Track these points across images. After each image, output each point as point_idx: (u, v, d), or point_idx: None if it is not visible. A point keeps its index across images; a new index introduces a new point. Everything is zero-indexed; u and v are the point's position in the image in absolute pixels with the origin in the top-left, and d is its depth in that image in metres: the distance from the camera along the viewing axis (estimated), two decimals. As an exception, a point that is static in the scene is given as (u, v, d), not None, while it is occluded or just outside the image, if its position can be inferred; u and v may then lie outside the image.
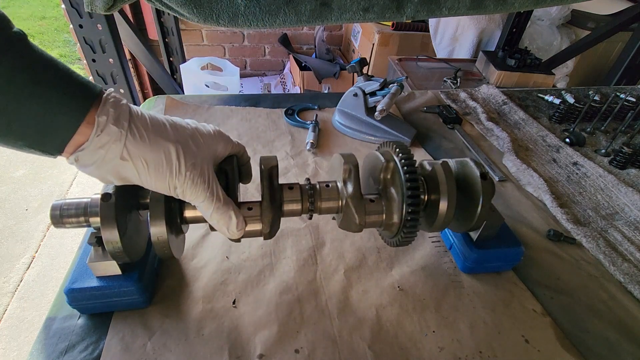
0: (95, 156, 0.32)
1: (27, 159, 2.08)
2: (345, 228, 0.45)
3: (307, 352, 0.44)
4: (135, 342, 0.44)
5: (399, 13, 0.46)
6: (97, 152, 0.32)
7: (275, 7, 0.43)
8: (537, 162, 0.81)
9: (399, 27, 2.04)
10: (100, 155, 0.32)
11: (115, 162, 0.33)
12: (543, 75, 1.47)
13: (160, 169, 0.34)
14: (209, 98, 0.93)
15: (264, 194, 0.42)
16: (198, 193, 0.37)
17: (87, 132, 0.31)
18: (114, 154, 0.32)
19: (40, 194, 1.91)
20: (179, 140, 0.36)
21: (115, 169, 0.33)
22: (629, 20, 1.49)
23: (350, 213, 0.43)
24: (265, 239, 0.43)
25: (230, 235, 0.41)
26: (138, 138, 0.33)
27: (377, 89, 0.81)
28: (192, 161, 0.36)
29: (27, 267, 1.58)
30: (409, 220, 0.43)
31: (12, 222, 1.76)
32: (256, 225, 0.42)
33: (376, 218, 0.45)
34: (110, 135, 0.32)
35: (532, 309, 0.51)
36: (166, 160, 0.34)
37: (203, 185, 0.37)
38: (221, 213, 0.39)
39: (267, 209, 0.42)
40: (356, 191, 0.43)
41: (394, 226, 0.45)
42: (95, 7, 0.43)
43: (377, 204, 0.45)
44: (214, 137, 0.40)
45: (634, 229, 0.64)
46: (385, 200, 0.45)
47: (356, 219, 0.43)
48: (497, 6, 0.48)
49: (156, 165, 0.34)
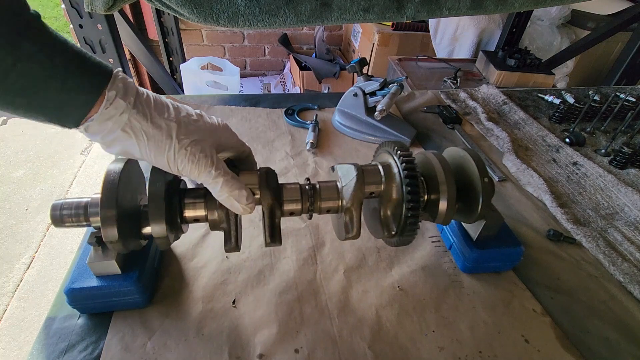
0: (102, 126, 0.34)
1: (27, 159, 2.08)
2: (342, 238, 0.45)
3: (307, 352, 0.44)
4: (135, 341, 0.44)
5: (399, 13, 0.46)
6: (104, 123, 0.34)
7: (275, 7, 0.43)
8: (537, 162, 0.81)
9: (399, 27, 2.04)
10: (107, 126, 0.34)
11: (119, 134, 0.34)
12: (543, 75, 1.46)
13: (160, 144, 0.35)
14: (209, 98, 0.93)
15: (261, 180, 0.42)
16: (201, 168, 0.37)
17: (97, 106, 0.33)
18: (119, 125, 0.34)
19: (40, 194, 1.91)
20: (181, 120, 0.37)
21: (119, 140, 0.35)
22: (629, 20, 1.49)
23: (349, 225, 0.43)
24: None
25: (242, 210, 0.40)
26: (141, 113, 0.35)
27: (377, 89, 0.81)
28: (193, 138, 0.37)
29: (27, 267, 1.58)
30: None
31: (12, 222, 1.76)
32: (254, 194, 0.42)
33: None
34: (117, 109, 0.34)
35: (532, 308, 0.51)
36: (165, 136, 0.36)
37: (205, 159, 0.37)
38: (230, 186, 0.38)
39: (264, 186, 0.42)
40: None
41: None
42: (95, 7, 0.43)
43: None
44: (219, 127, 0.41)
45: (634, 229, 0.64)
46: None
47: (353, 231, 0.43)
48: (497, 6, 0.48)
49: (156, 139, 0.35)
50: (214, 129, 0.40)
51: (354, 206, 0.43)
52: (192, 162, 0.36)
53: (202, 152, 0.37)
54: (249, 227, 0.60)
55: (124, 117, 0.34)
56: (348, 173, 0.44)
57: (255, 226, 0.60)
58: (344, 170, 0.45)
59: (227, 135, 0.42)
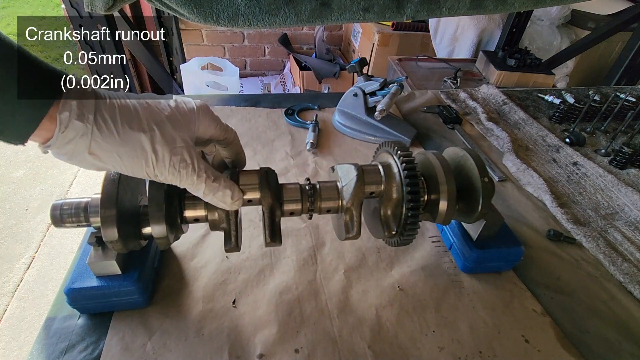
0: (64, 150, 0.31)
1: (27, 159, 2.08)
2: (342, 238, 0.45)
3: (307, 352, 0.44)
4: (135, 342, 0.44)
5: (399, 13, 0.46)
6: (64, 147, 0.30)
7: (275, 7, 0.43)
8: (537, 162, 0.81)
9: (399, 27, 2.04)
10: (69, 149, 0.31)
11: (85, 155, 0.31)
12: (543, 75, 1.46)
13: (135, 160, 0.33)
14: (209, 98, 0.93)
15: (261, 179, 0.42)
16: (182, 177, 0.35)
17: (51, 128, 0.30)
18: (83, 148, 0.31)
19: (40, 194, 1.91)
20: (154, 126, 0.34)
21: (89, 161, 0.32)
22: (629, 20, 1.49)
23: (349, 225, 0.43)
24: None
25: (230, 207, 0.40)
26: (106, 131, 0.31)
27: (377, 89, 0.81)
28: (171, 147, 0.34)
29: (27, 267, 1.58)
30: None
31: (12, 222, 1.76)
32: (254, 194, 0.42)
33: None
34: (75, 131, 0.30)
35: (532, 308, 0.51)
36: (140, 151, 0.33)
37: (186, 169, 0.35)
38: (213, 189, 0.38)
39: (264, 179, 0.42)
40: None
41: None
42: (95, 7, 0.43)
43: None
44: (196, 113, 0.38)
45: (634, 229, 0.64)
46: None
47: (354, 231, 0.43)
48: (497, 6, 0.48)
49: (130, 157, 0.33)
50: (191, 118, 0.37)
51: (354, 206, 0.43)
52: (173, 174, 0.35)
53: (182, 162, 0.35)
54: (249, 227, 0.60)
55: (86, 140, 0.30)
56: (348, 173, 0.44)
57: (255, 226, 0.60)
58: (344, 170, 0.45)
59: (206, 122, 0.39)
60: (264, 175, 0.42)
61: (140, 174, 0.34)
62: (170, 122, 0.35)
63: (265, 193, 0.42)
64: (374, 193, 0.45)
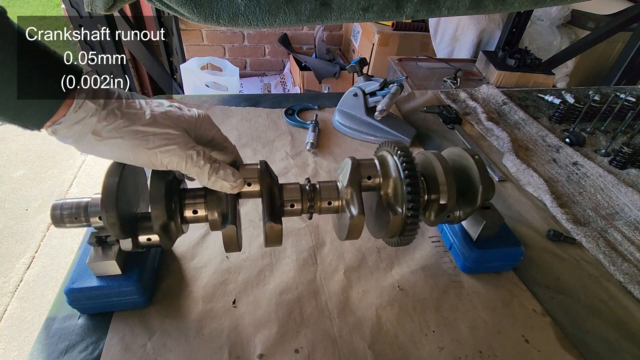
0: (71, 130, 0.33)
1: (27, 159, 2.08)
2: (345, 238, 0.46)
3: (307, 352, 0.44)
4: (135, 342, 0.44)
5: (398, 13, 0.46)
6: (73, 127, 0.33)
7: (275, 7, 0.43)
8: (537, 162, 0.81)
9: (399, 27, 2.04)
10: (76, 129, 0.33)
11: (90, 138, 0.34)
12: (543, 75, 1.46)
13: (137, 142, 0.35)
14: (209, 98, 0.93)
15: (261, 169, 0.43)
16: (182, 163, 0.37)
17: (64, 109, 0.32)
18: (89, 128, 0.33)
19: (40, 194, 1.91)
20: (156, 115, 0.36)
21: (92, 144, 0.34)
22: (629, 20, 1.49)
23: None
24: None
25: (231, 189, 0.40)
26: (112, 114, 0.34)
27: (377, 89, 0.81)
28: (173, 131, 0.36)
29: (27, 267, 1.58)
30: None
31: (12, 222, 1.76)
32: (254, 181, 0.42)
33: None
34: (86, 112, 0.33)
35: (532, 308, 0.51)
36: (142, 133, 0.35)
37: (188, 151, 0.37)
38: (215, 169, 0.38)
39: (264, 172, 0.43)
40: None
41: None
42: (95, 7, 0.43)
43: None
44: (198, 118, 0.40)
45: (634, 229, 0.64)
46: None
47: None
48: (497, 6, 0.48)
49: (131, 137, 0.35)
50: (193, 120, 0.39)
51: (353, 186, 0.43)
52: (170, 158, 0.36)
53: (181, 149, 0.36)
54: (249, 227, 0.60)
55: (93, 120, 0.33)
56: (345, 164, 0.45)
57: (255, 226, 0.60)
58: (342, 165, 0.46)
59: (206, 126, 0.41)
60: (264, 164, 0.43)
61: (142, 157, 0.36)
62: (173, 112, 0.38)
63: (264, 176, 0.42)
64: (371, 177, 0.45)
